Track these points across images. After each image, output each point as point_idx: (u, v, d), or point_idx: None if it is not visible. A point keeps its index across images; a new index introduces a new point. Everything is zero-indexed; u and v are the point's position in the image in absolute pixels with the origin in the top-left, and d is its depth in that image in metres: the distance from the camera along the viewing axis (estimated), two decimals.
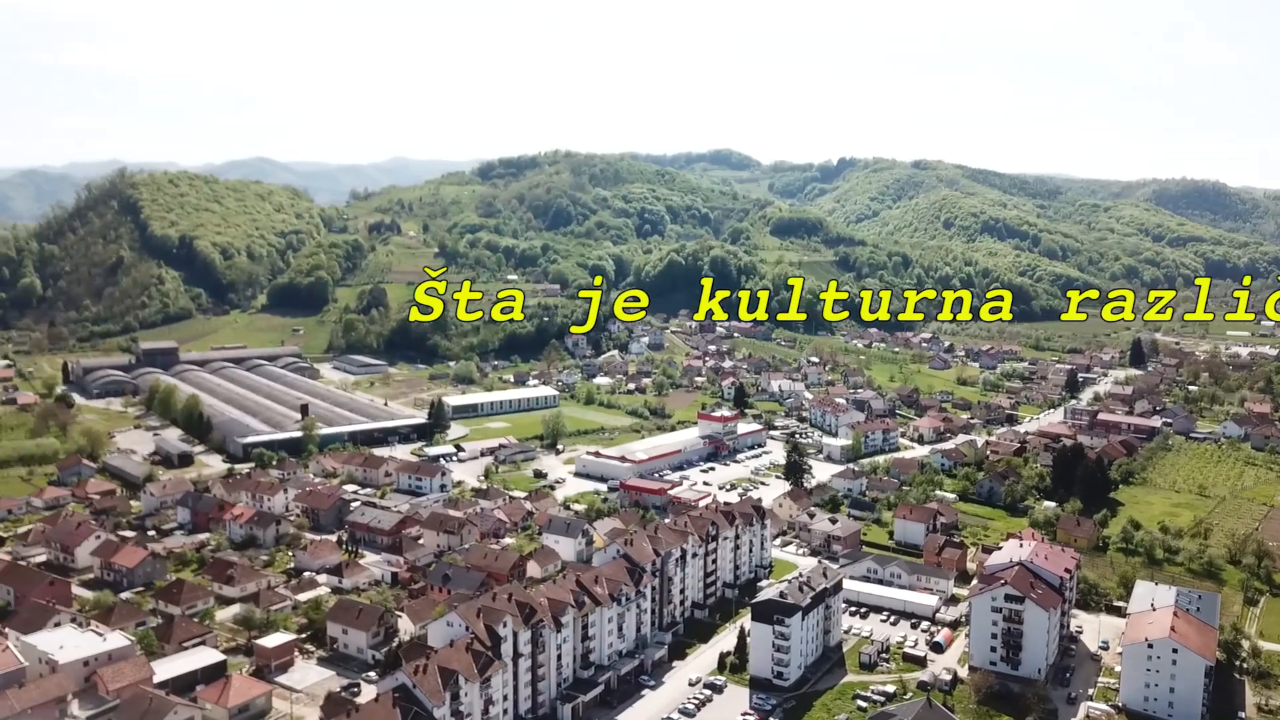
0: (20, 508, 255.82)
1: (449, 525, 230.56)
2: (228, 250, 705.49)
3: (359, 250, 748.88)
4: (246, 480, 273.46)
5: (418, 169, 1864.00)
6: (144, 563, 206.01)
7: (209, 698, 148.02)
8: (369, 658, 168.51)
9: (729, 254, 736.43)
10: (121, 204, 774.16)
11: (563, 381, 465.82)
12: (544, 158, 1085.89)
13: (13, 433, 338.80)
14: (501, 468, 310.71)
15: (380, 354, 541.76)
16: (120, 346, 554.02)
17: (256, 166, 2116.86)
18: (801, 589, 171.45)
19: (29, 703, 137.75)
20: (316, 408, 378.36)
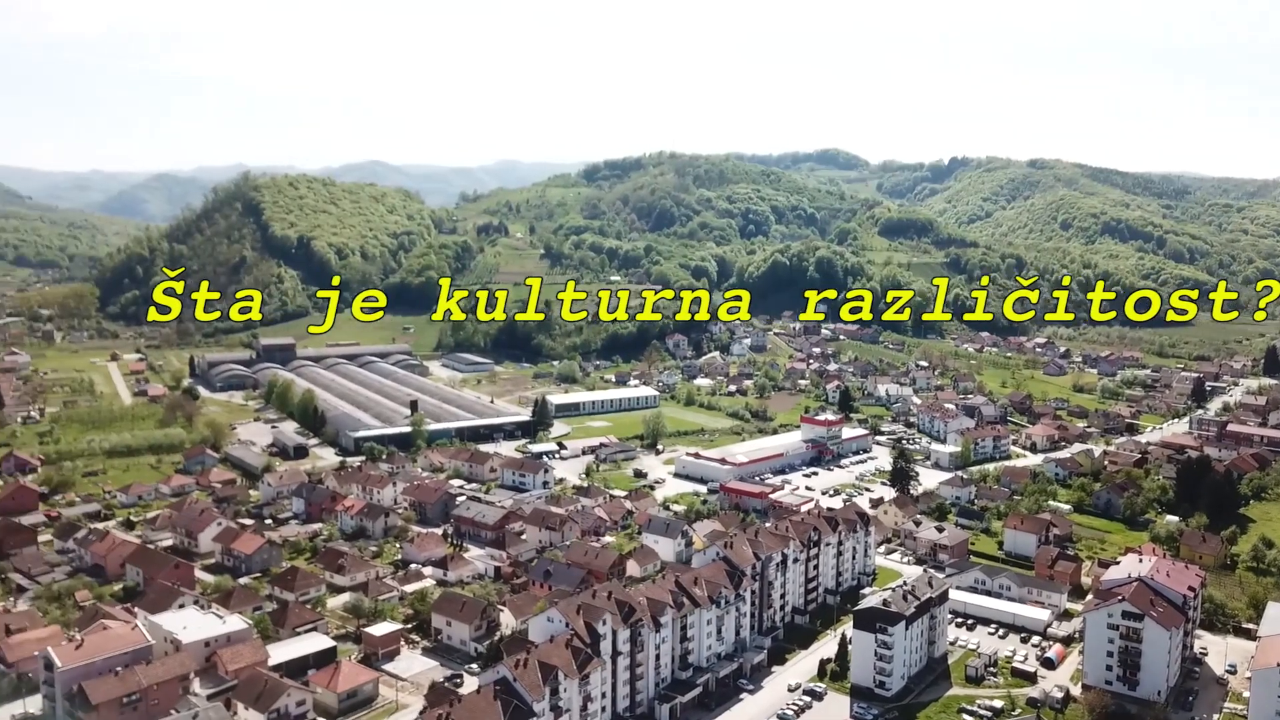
0: (150, 494, 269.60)
1: (551, 522, 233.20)
2: (343, 250, 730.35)
3: (468, 251, 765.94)
4: (357, 473, 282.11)
5: (525, 171, 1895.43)
6: (261, 550, 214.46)
7: (320, 682, 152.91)
8: (471, 650, 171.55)
9: (835, 255, 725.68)
10: (245, 205, 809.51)
11: (663, 382, 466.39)
12: (648, 159, 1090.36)
13: (143, 423, 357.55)
14: (602, 466, 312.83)
15: (487, 352, 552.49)
16: (242, 342, 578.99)
17: (371, 169, 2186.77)
18: (906, 597, 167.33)
19: (155, 679, 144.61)
20: (425, 404, 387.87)
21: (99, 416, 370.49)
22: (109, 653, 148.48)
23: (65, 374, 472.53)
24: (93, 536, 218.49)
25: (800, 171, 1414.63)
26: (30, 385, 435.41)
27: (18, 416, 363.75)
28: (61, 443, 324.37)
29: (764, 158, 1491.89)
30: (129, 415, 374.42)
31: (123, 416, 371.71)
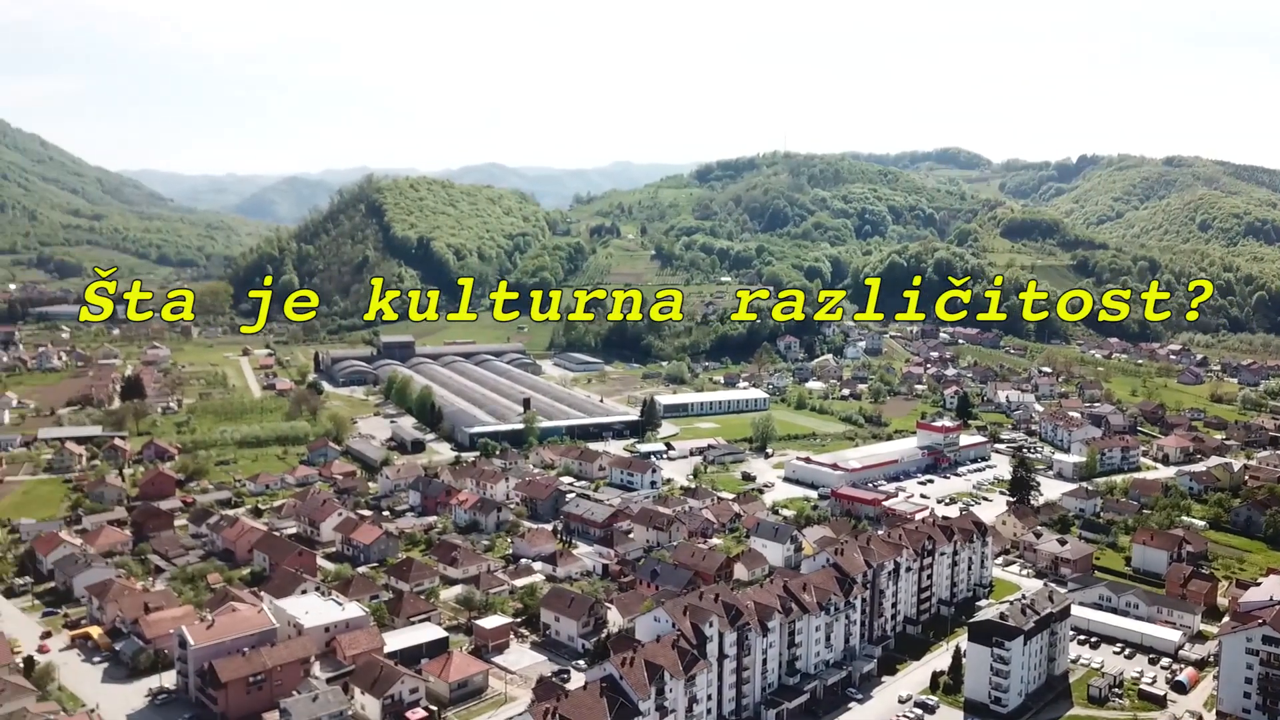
0: (276, 483, 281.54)
1: (658, 521, 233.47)
2: (460, 251, 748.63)
3: (580, 252, 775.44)
4: (471, 468, 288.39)
5: (638, 173, 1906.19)
6: (379, 541, 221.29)
7: (432, 671, 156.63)
8: (579, 646, 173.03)
9: (954, 256, 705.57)
10: (368, 207, 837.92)
11: (773, 384, 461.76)
12: (762, 159, 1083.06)
13: (271, 415, 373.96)
14: (710, 468, 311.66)
15: (597, 352, 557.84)
16: (364, 340, 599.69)
17: (489, 171, 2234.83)
18: (1024, 611, 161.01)
19: (279, 661, 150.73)
20: (537, 402, 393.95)
21: (231, 409, 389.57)
22: (237, 634, 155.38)
23: (201, 368, 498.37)
24: (224, 522, 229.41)
25: (919, 171, 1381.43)
26: (169, 378, 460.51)
27: (158, 407, 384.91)
28: (197, 433, 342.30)
29: (881, 157, 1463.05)
30: (258, 408, 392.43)
31: (253, 409, 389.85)
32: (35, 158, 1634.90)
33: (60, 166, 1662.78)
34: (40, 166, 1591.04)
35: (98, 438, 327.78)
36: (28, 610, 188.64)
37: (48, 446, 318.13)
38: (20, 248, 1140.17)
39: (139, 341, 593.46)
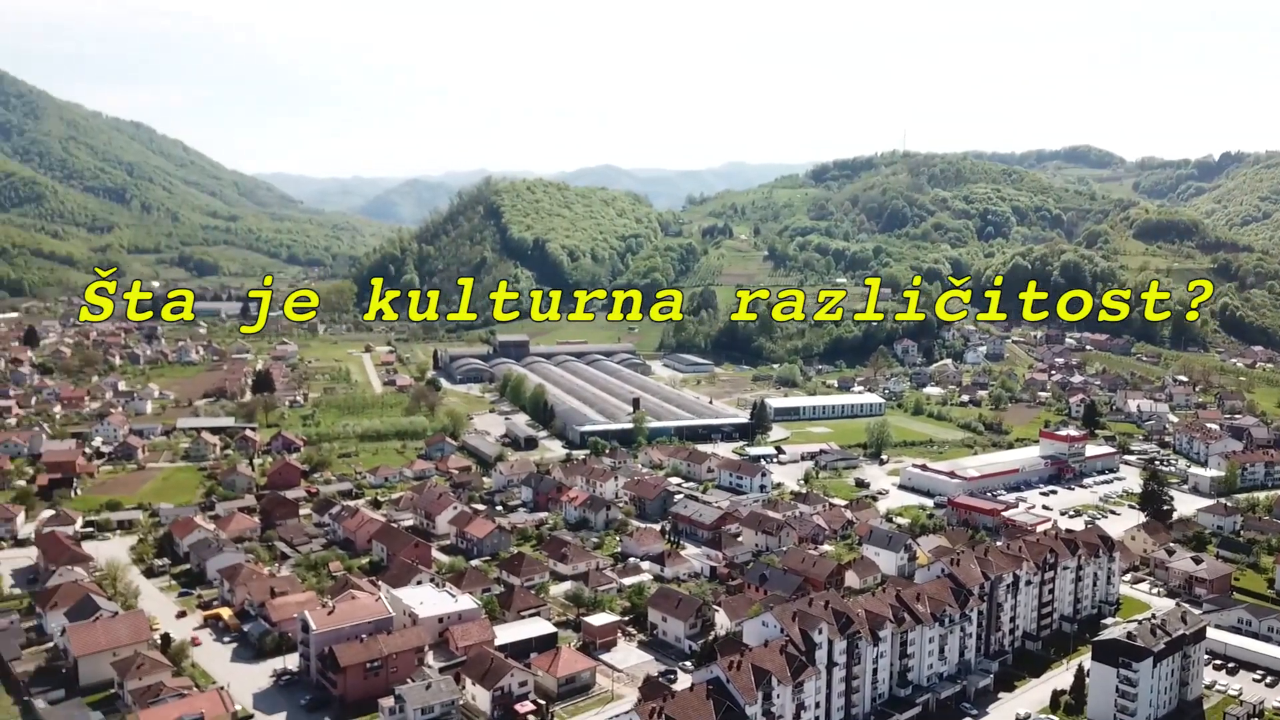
0: (395, 476, 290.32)
1: (768, 526, 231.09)
2: (575, 252, 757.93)
3: (692, 253, 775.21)
4: (582, 466, 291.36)
5: (752, 173, 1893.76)
6: (491, 535, 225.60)
7: (541, 665, 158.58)
8: (686, 647, 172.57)
9: (1083, 258, 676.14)
10: (486, 209, 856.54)
11: (889, 389, 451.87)
12: (880, 159, 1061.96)
13: (391, 410, 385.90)
14: (822, 473, 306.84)
15: (707, 353, 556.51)
16: (480, 338, 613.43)
17: (603, 174, 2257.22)
18: (1154, 632, 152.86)
19: (395, 648, 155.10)
20: (647, 402, 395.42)
21: (353, 403, 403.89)
22: (356, 620, 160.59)
23: (326, 363, 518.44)
24: (345, 513, 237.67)
25: (1045, 170, 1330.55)
26: (296, 373, 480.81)
27: (286, 400, 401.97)
28: (321, 426, 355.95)
29: (1005, 156, 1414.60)
30: (379, 403, 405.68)
31: (374, 404, 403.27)
32: (178, 162, 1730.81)
33: (200, 170, 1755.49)
34: (182, 170, 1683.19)
35: (230, 428, 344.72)
36: (165, 590, 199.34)
37: (185, 436, 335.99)
38: (164, 247, 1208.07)
39: (269, 338, 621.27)
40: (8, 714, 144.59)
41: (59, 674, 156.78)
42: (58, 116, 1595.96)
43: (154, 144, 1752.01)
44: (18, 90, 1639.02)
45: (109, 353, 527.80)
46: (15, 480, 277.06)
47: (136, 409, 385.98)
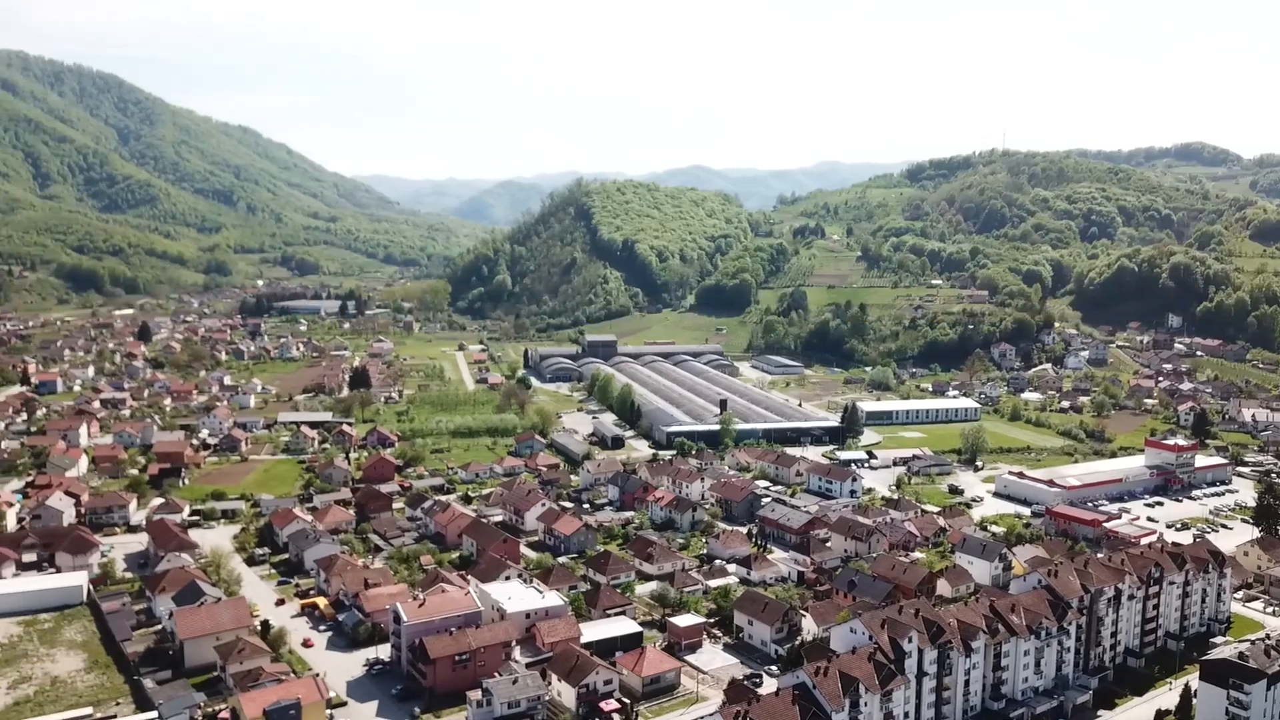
0: (485, 472, 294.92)
1: (857, 531, 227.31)
2: (663, 253, 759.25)
3: (782, 254, 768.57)
4: (668, 466, 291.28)
5: (845, 173, 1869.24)
6: (578, 532, 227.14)
7: (626, 664, 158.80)
8: (771, 651, 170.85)
9: (1194, 260, 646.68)
10: (577, 210, 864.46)
11: (986, 394, 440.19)
12: (978, 158, 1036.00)
13: (483, 408, 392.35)
14: (914, 479, 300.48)
15: (797, 355, 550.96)
16: (569, 338, 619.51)
17: (693, 174, 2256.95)
18: (1269, 653, 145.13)
19: (483, 643, 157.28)
20: (734, 404, 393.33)
21: (446, 400, 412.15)
22: (446, 613, 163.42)
23: (420, 361, 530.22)
24: (436, 507, 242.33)
25: (1154, 169, 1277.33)
26: (392, 369, 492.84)
27: (381, 397, 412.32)
28: (415, 421, 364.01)
29: (1111, 154, 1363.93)
30: (471, 400, 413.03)
31: (466, 401, 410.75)
32: (282, 164, 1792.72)
33: (303, 173, 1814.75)
34: (286, 173, 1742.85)
35: (328, 423, 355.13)
36: (265, 578, 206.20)
37: (286, 430, 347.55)
38: (267, 247, 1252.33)
39: (367, 335, 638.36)
40: (119, 692, 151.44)
41: (166, 655, 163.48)
42: (171, 122, 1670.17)
43: (260, 147, 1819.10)
44: (135, 98, 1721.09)
45: (215, 348, 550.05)
46: (128, 469, 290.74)
47: (240, 403, 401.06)
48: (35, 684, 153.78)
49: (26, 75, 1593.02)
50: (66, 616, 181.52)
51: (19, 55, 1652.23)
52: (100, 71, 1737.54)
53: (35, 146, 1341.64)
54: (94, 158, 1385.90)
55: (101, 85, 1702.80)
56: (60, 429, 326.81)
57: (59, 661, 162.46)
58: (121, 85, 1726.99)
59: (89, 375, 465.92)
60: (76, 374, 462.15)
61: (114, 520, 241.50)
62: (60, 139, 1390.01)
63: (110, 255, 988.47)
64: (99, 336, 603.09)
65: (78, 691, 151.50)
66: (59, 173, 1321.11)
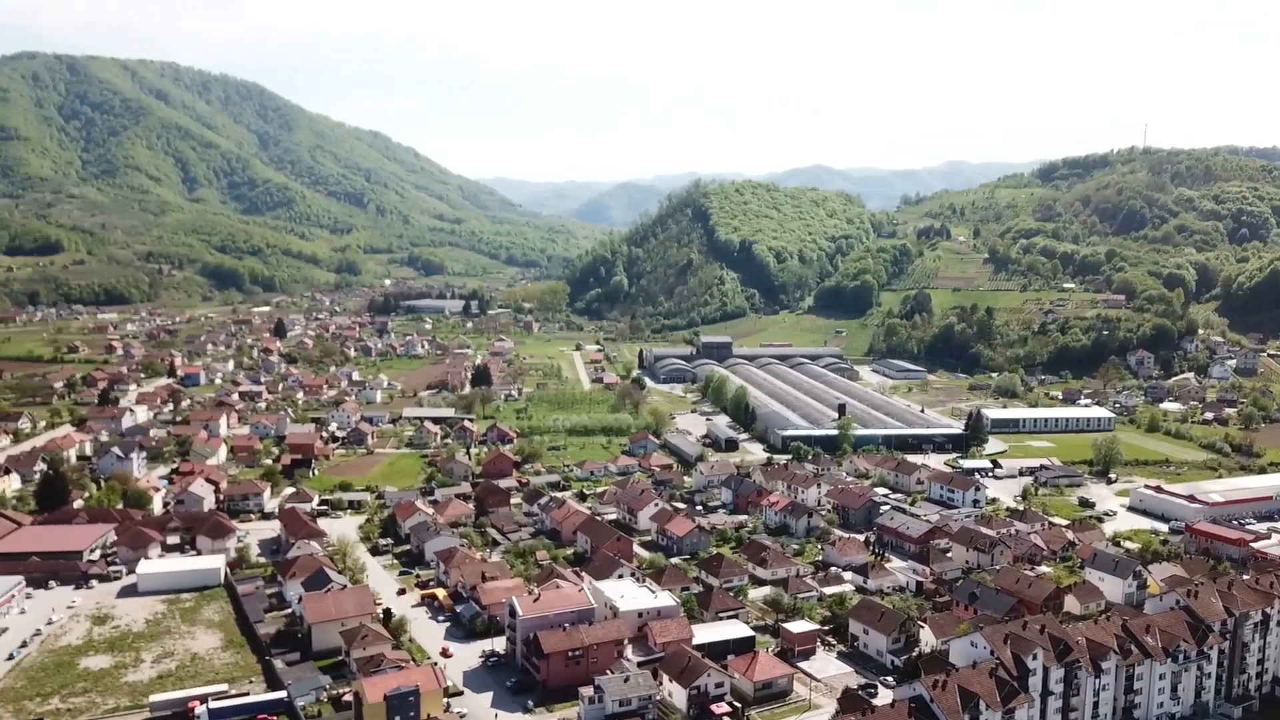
0: (600, 471, 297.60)
1: (980, 542, 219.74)
2: (781, 254, 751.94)
3: (905, 255, 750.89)
4: (783, 470, 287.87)
5: (972, 173, 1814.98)
6: (691, 534, 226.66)
7: (737, 668, 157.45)
8: (887, 662, 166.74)
9: None
10: (694, 211, 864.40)
11: (1120, 403, 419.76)
12: (1116, 156, 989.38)
13: (598, 407, 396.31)
14: (1041, 490, 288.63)
15: (920, 360, 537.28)
16: (684, 339, 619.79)
17: (814, 174, 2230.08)
18: None
19: (596, 639, 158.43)
20: (853, 408, 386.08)
21: (563, 399, 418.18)
22: (559, 609, 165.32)
23: (539, 360, 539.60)
24: (552, 504, 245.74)
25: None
26: (512, 368, 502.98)
27: (501, 394, 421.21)
28: (533, 419, 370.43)
29: (1266, 151, 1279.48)
30: (587, 399, 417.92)
31: (582, 400, 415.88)
32: (410, 168, 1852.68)
33: (429, 175, 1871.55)
34: (414, 175, 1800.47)
35: (450, 419, 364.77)
36: (388, 568, 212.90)
37: (410, 424, 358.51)
38: (395, 248, 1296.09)
39: (488, 334, 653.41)
40: (252, 670, 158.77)
41: (295, 638, 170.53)
42: (308, 127, 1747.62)
43: (389, 151, 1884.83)
44: (275, 104, 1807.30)
45: (345, 345, 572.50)
46: (263, 459, 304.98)
47: (367, 398, 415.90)
48: (177, 659, 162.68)
49: (178, 85, 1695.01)
50: (206, 597, 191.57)
51: (171, 66, 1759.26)
52: (244, 80, 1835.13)
53: (184, 152, 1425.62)
54: (236, 162, 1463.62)
55: (244, 93, 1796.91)
56: (202, 419, 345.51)
57: (198, 639, 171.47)
58: (263, 93, 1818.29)
59: (229, 369, 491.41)
60: (218, 368, 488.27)
61: (249, 507, 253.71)
62: (206, 145, 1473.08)
63: (250, 255, 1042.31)
64: (238, 332, 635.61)
65: (214, 668, 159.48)
66: (205, 177, 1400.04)
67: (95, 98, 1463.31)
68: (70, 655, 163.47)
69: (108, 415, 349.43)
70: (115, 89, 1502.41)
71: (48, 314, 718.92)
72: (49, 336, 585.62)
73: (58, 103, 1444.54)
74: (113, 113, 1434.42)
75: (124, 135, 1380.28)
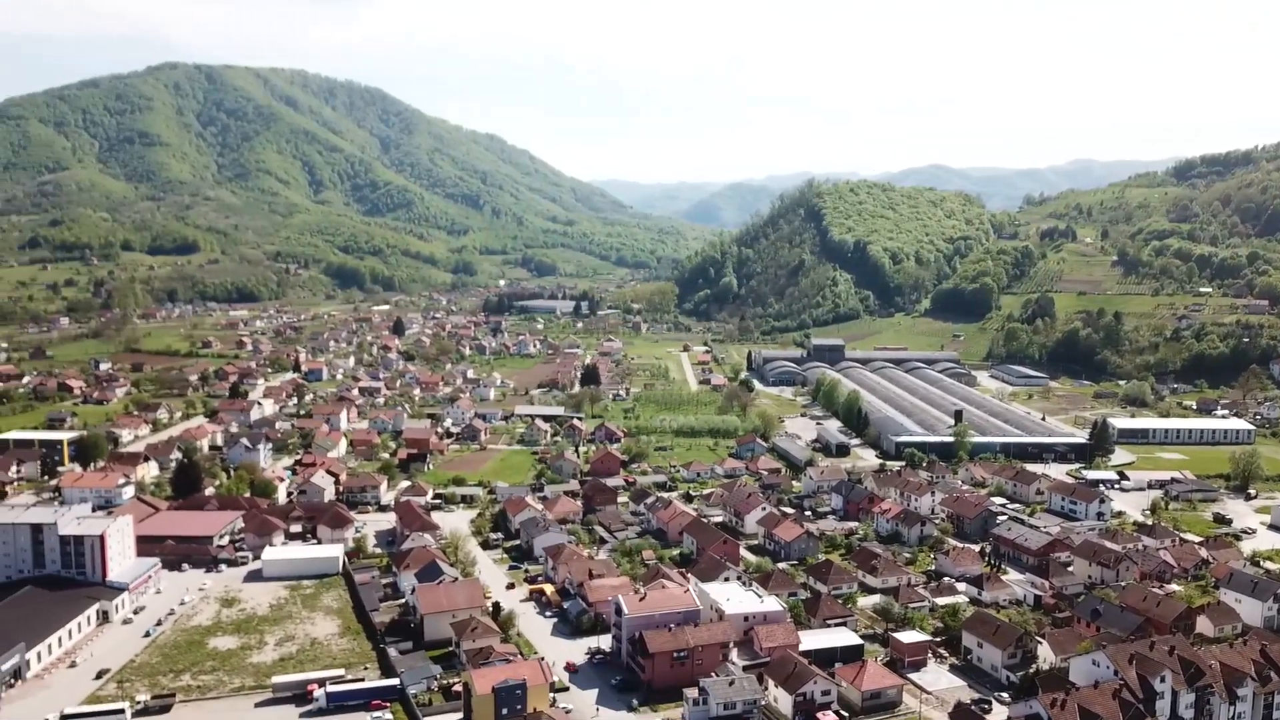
0: (706, 472, 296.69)
1: (1104, 557, 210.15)
2: (897, 255, 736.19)
3: (1028, 257, 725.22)
4: (896, 477, 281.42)
5: (1101, 171, 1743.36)
6: (799, 539, 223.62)
7: (845, 676, 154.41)
8: (1003, 677, 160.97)
9: None
10: (807, 212, 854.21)
11: (1263, 415, 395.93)
12: (1261, 152, 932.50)
13: (705, 408, 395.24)
14: (1172, 504, 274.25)
15: (1041, 366, 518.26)
16: (794, 341, 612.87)
17: (932, 174, 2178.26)
18: None
19: (701, 641, 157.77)
20: (970, 414, 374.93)
21: (670, 399, 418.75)
22: (665, 609, 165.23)
23: (647, 360, 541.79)
24: (659, 504, 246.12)
25: None
26: (620, 368, 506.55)
27: (610, 394, 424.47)
28: (640, 419, 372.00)
29: None
30: (694, 400, 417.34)
31: (689, 401, 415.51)
32: (524, 170, 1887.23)
33: (543, 178, 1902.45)
34: (528, 178, 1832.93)
35: (560, 417, 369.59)
36: (497, 562, 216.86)
37: (521, 422, 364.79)
38: (509, 249, 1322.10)
39: (597, 334, 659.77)
40: (367, 657, 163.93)
41: (408, 628, 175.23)
42: (427, 131, 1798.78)
43: (505, 154, 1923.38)
44: (396, 109, 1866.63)
45: (460, 344, 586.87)
46: (380, 453, 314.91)
47: (481, 395, 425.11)
48: (297, 643, 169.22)
49: (306, 91, 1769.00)
50: (325, 584, 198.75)
51: (299, 74, 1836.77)
52: (367, 86, 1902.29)
53: (311, 156, 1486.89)
54: (359, 165, 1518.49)
55: (368, 99, 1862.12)
56: (324, 413, 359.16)
57: (318, 625, 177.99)
58: (385, 98, 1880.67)
59: (350, 365, 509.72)
60: (339, 364, 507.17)
61: (367, 499, 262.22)
62: (332, 149, 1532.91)
63: (371, 255, 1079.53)
64: (359, 330, 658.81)
65: (332, 653, 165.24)
66: (330, 179, 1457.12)
67: (230, 105, 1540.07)
68: (200, 635, 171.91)
69: (237, 408, 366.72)
70: (248, 96, 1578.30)
71: (185, 310, 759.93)
72: (185, 332, 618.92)
73: (196, 110, 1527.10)
74: (246, 119, 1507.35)
75: (256, 140, 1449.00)
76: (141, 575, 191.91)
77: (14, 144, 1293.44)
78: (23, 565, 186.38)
